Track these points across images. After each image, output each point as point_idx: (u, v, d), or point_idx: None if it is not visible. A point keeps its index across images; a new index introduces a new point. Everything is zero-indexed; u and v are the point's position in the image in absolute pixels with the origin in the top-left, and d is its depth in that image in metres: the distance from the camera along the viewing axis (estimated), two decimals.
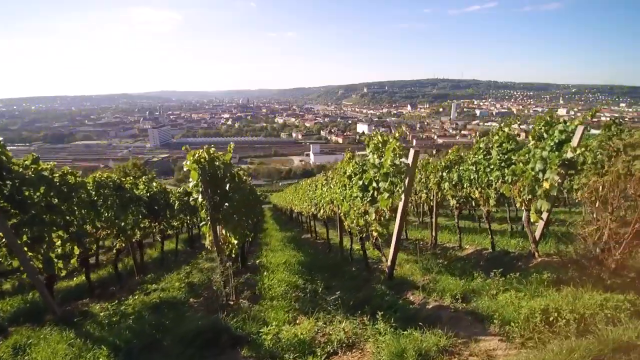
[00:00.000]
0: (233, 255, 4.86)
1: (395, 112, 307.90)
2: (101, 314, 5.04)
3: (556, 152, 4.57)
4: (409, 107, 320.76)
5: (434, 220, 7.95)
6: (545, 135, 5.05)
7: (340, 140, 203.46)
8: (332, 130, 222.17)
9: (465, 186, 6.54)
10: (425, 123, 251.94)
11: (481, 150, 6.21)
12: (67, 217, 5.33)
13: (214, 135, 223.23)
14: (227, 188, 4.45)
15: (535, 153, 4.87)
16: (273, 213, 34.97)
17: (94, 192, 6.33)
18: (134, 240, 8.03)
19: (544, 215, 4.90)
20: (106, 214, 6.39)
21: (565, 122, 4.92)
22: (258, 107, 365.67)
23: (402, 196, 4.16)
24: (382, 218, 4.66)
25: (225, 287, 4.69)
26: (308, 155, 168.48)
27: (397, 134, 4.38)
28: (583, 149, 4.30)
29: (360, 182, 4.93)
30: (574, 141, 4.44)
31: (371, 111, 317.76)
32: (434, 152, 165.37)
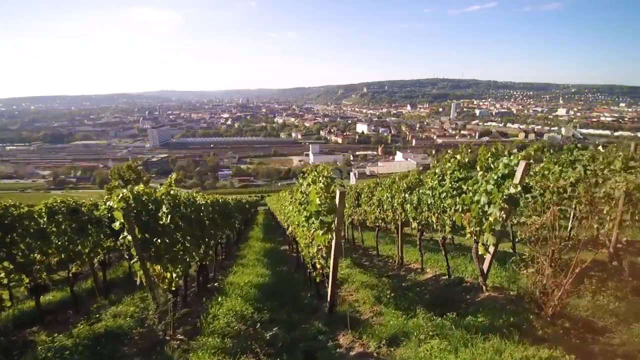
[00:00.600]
0: (173, 288, 4.72)
1: (394, 112, 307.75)
2: (39, 347, 4.93)
3: (499, 187, 4.45)
4: (408, 107, 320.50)
5: (399, 240, 7.85)
6: (492, 166, 4.92)
7: (339, 140, 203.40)
8: (332, 130, 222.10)
9: (424, 210, 6.43)
10: (425, 123, 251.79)
11: (436, 176, 6.09)
12: (12, 250, 5.24)
13: (214, 135, 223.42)
14: (160, 223, 4.34)
15: (481, 185, 4.75)
16: (266, 217, 34.73)
17: (45, 219, 6.22)
18: (96, 260, 7.92)
19: (491, 249, 4.79)
20: (57, 241, 6.28)
21: (510, 154, 4.80)
22: (258, 107, 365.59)
23: (333, 234, 4.05)
24: (322, 252, 4.56)
25: (160, 322, 4.59)
26: (307, 155, 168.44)
27: (328, 171, 4.25)
28: (520, 187, 4.17)
29: (305, 213, 4.83)
30: (517, 177, 4.32)
31: (371, 111, 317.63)
32: (434, 152, 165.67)
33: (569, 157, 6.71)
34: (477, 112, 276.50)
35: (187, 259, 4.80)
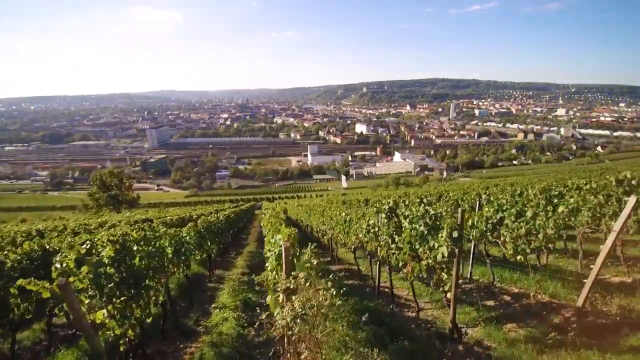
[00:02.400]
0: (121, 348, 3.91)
1: (394, 112, 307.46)
2: None
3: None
4: (408, 107, 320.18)
5: (376, 266, 7.59)
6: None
7: (338, 141, 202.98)
8: (331, 131, 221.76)
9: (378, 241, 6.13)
10: (424, 123, 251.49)
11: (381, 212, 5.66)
12: None
13: (212, 135, 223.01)
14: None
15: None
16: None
17: None
18: None
19: (449, 295, 4.46)
20: None
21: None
22: (257, 107, 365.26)
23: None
24: None
25: None
26: (306, 155, 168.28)
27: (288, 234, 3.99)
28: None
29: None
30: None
31: (370, 111, 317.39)
32: (432, 152, 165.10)
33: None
34: (477, 112, 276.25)
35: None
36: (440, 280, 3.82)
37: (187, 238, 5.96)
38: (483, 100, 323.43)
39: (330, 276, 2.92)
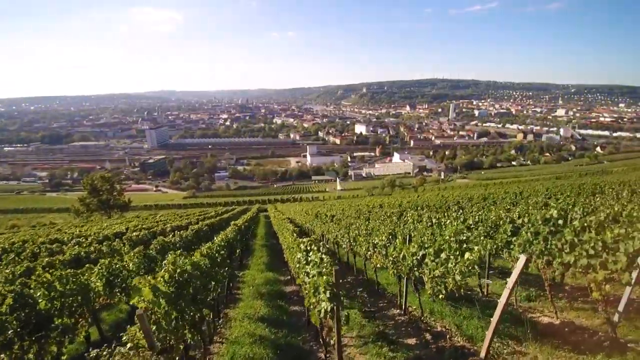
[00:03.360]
0: None
1: (394, 112, 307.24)
2: None
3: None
4: (407, 108, 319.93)
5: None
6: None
7: (337, 141, 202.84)
8: (330, 131, 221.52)
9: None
10: (424, 124, 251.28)
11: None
12: None
13: (212, 136, 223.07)
14: None
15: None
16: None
17: None
18: None
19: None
20: None
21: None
22: (257, 107, 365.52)
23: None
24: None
25: None
26: (305, 156, 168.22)
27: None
28: None
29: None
30: None
31: (370, 111, 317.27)
32: (431, 153, 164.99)
33: None
34: (476, 112, 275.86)
35: None
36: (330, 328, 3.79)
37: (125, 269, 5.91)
38: (483, 101, 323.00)
39: None
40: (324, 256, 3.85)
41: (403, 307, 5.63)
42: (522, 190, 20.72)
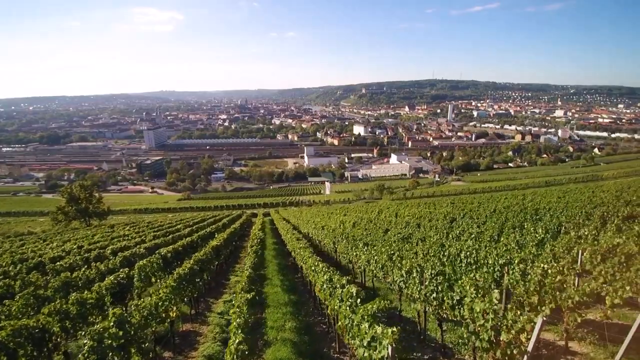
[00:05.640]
0: None
1: (392, 113, 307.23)
2: None
3: None
4: (406, 108, 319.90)
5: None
6: None
7: (335, 142, 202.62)
8: (328, 132, 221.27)
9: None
10: (422, 124, 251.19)
11: None
12: None
13: (210, 136, 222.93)
14: None
15: None
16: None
17: None
18: None
19: None
20: None
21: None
22: (256, 107, 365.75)
23: None
24: None
25: None
26: (303, 157, 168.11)
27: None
28: None
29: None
30: None
31: (369, 112, 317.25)
32: (429, 154, 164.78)
33: None
34: (475, 113, 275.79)
35: None
36: None
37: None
38: (482, 102, 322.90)
39: None
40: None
41: None
42: (463, 209, 20.38)
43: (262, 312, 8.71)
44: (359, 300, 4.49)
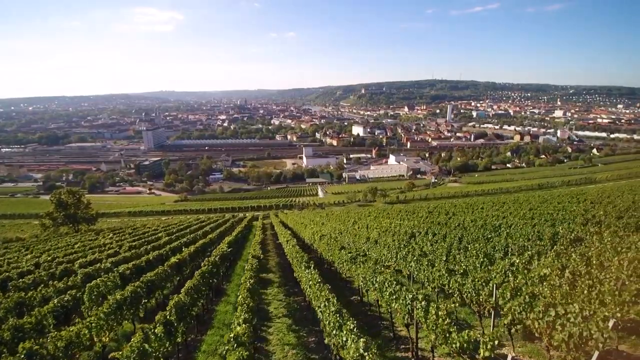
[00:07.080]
0: None
1: (392, 113, 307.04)
2: None
3: None
4: (406, 109, 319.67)
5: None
6: None
7: (334, 143, 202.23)
8: (327, 132, 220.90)
9: None
10: (422, 125, 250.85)
11: None
12: None
13: (209, 137, 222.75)
14: None
15: None
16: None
17: None
18: None
19: None
20: None
21: None
22: (255, 108, 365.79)
23: None
24: None
25: None
26: (301, 158, 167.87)
27: None
28: None
29: None
30: None
31: (369, 112, 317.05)
32: (427, 154, 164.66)
33: None
34: (474, 113, 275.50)
35: None
36: None
37: None
38: (481, 102, 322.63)
39: None
40: None
41: None
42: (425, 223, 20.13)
43: None
44: None
